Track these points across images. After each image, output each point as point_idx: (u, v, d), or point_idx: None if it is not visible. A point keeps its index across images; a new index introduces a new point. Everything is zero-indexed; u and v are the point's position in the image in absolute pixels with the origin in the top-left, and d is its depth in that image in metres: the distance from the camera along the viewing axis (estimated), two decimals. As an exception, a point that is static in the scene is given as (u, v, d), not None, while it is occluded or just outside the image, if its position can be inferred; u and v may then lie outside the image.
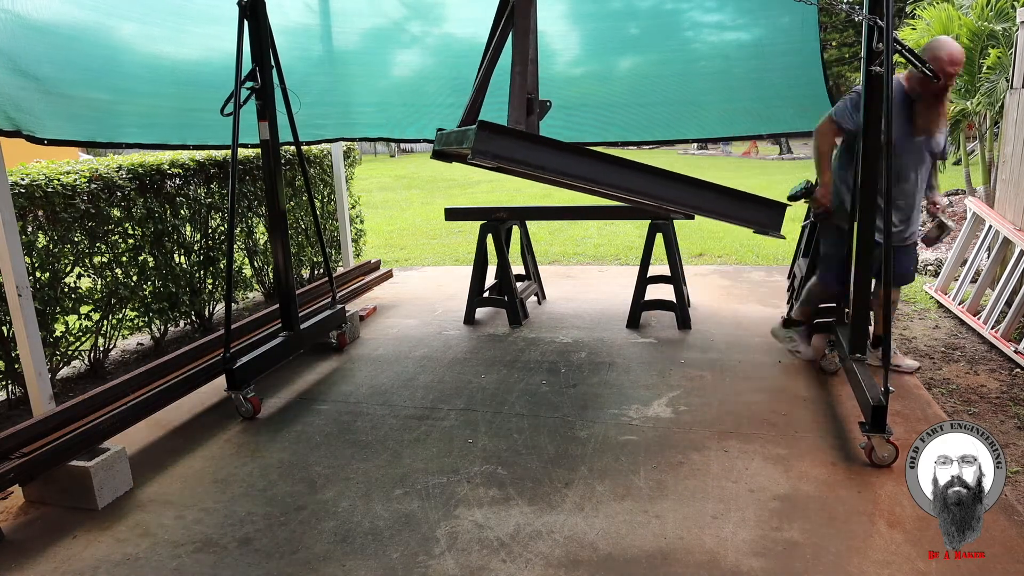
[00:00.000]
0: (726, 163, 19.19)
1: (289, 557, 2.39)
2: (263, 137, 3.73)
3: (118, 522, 2.63)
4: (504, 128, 2.59)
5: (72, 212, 3.92)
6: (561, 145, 2.59)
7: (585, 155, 2.63)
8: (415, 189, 15.42)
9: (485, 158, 2.44)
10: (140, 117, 3.89)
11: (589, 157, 2.64)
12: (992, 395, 3.54)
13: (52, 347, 3.86)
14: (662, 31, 4.89)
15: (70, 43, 3.45)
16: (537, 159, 2.53)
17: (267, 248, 5.67)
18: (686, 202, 2.85)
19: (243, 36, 3.40)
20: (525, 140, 2.53)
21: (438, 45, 5.24)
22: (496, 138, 2.46)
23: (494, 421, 3.35)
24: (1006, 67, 5.59)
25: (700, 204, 2.85)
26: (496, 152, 2.45)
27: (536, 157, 2.53)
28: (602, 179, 2.67)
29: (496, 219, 4.92)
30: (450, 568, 2.29)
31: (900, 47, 2.89)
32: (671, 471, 2.83)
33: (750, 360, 4.02)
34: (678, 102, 4.91)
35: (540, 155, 2.55)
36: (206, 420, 3.52)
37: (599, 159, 2.66)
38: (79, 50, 3.50)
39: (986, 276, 4.70)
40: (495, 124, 2.51)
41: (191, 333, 4.98)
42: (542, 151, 2.56)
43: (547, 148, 2.56)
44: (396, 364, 4.14)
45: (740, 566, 2.25)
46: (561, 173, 2.59)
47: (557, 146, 2.58)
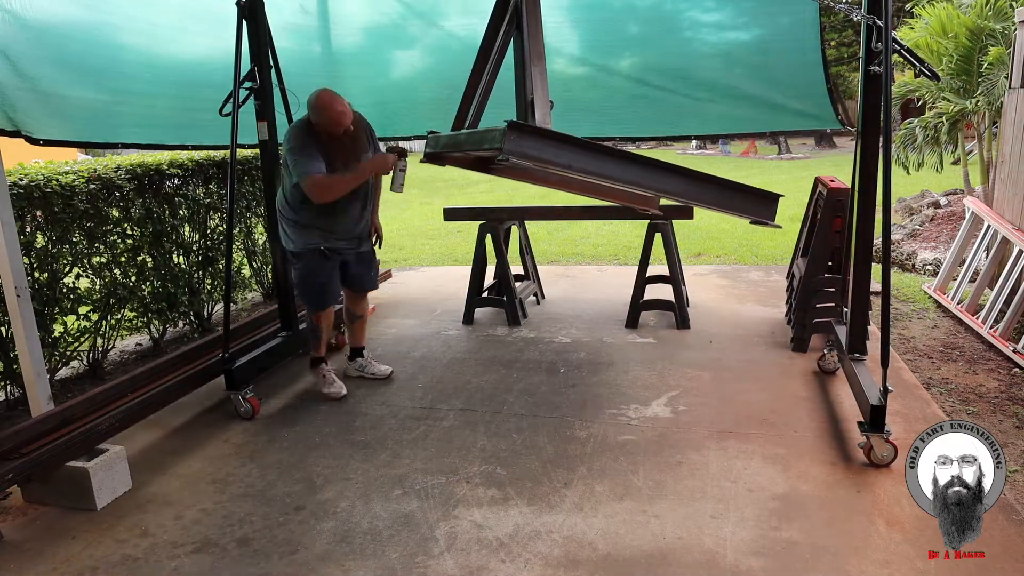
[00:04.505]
0: (725, 163, 19.19)
1: (288, 557, 2.38)
2: (262, 137, 3.73)
3: (117, 522, 2.63)
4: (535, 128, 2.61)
5: (71, 212, 3.91)
6: (587, 144, 2.61)
7: (609, 154, 2.65)
8: (414, 189, 15.41)
9: (518, 158, 2.45)
10: (137, 117, 3.89)
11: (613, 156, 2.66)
12: (991, 394, 3.54)
13: (51, 348, 3.86)
14: (662, 30, 4.89)
15: (66, 43, 3.45)
16: (565, 158, 2.55)
17: (266, 248, 5.67)
18: (699, 197, 2.87)
19: (242, 36, 3.40)
20: (552, 139, 2.54)
21: (435, 45, 5.24)
22: (526, 138, 2.48)
23: (493, 421, 3.34)
24: (1006, 65, 5.60)
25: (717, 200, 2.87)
26: (526, 152, 2.46)
27: (563, 156, 2.55)
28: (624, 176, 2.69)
29: (495, 219, 4.92)
30: (449, 568, 2.29)
31: (899, 47, 2.89)
32: (670, 471, 2.82)
33: (749, 360, 4.02)
34: (678, 102, 4.91)
35: (567, 154, 2.57)
36: (205, 420, 3.52)
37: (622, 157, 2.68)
38: (76, 50, 3.50)
39: (984, 275, 4.71)
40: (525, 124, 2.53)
41: (190, 333, 4.97)
42: (568, 150, 2.57)
43: (573, 147, 2.58)
44: (395, 364, 4.14)
45: (739, 566, 2.25)
46: (586, 171, 2.60)
47: (583, 145, 2.60)
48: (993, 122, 6.53)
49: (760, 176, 14.75)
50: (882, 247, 2.70)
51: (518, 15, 3.01)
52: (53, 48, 3.34)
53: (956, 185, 9.29)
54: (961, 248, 5.16)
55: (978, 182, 7.04)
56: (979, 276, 4.74)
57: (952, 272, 5.15)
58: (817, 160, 18.51)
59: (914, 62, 2.99)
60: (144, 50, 3.90)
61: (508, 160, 2.48)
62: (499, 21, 3.13)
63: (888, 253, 2.73)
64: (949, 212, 7.85)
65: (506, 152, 2.43)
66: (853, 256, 3.23)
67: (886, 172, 2.67)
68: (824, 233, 3.98)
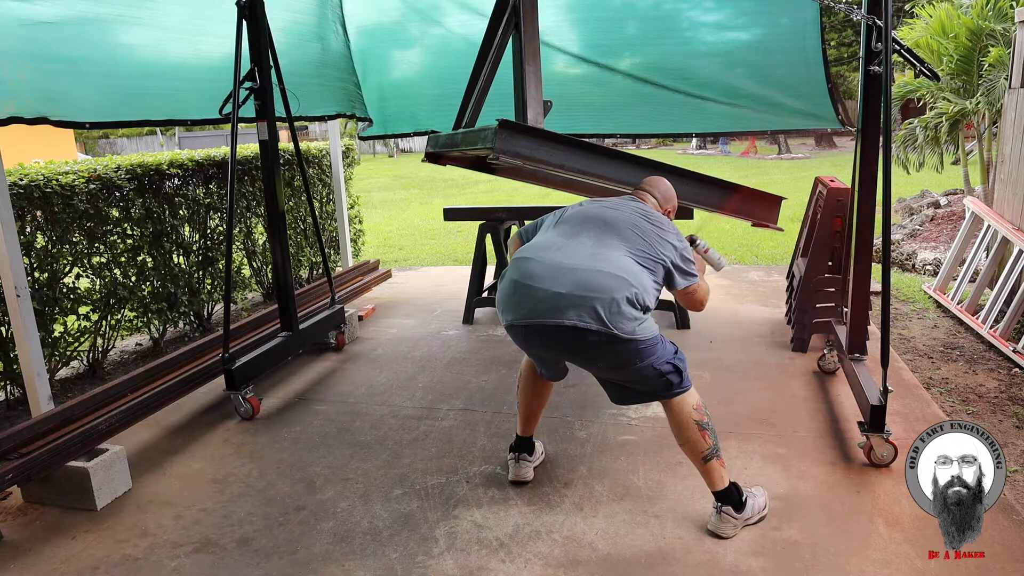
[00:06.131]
0: (725, 163, 19.19)
1: (288, 557, 2.38)
2: (262, 137, 3.73)
3: (117, 523, 2.63)
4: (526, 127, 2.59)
5: (71, 212, 3.92)
6: (581, 144, 2.59)
7: (603, 153, 2.63)
8: (414, 189, 15.42)
9: (509, 157, 2.44)
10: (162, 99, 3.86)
11: (607, 155, 2.64)
12: (991, 394, 3.54)
13: (51, 348, 3.86)
14: (662, 30, 4.89)
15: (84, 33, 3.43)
16: (558, 158, 2.53)
17: (266, 248, 5.67)
18: (698, 199, 2.87)
19: (242, 36, 3.40)
20: (545, 139, 2.52)
21: (435, 44, 5.24)
22: (518, 137, 2.46)
23: (493, 421, 3.34)
24: (1007, 66, 5.60)
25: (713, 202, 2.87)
26: (519, 151, 2.45)
27: (556, 156, 2.53)
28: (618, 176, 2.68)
29: (495, 219, 4.92)
30: (449, 568, 2.29)
31: (899, 47, 2.89)
32: (670, 471, 2.82)
33: (749, 359, 4.01)
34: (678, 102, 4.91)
35: (560, 154, 2.55)
36: (205, 420, 3.51)
37: (617, 157, 2.67)
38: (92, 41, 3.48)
39: (984, 275, 4.71)
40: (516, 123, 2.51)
41: (190, 333, 4.97)
42: (562, 150, 2.55)
43: (567, 147, 2.56)
44: (395, 364, 4.14)
45: (739, 565, 2.24)
46: (580, 171, 2.59)
47: (577, 145, 2.58)
48: (993, 122, 6.53)
49: (760, 176, 14.75)
50: (882, 247, 2.70)
51: (516, 14, 3.01)
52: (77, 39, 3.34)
53: (956, 185, 9.29)
54: (961, 248, 5.16)
55: (978, 182, 7.04)
56: (979, 276, 4.74)
57: (952, 272, 5.15)
58: (817, 160, 18.51)
59: (914, 62, 2.99)
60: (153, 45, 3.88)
61: (499, 159, 2.47)
62: (499, 20, 3.13)
63: (888, 253, 2.72)
64: (949, 212, 7.84)
65: (497, 151, 2.42)
66: (853, 256, 3.23)
67: (886, 172, 2.66)
68: (824, 233, 3.98)
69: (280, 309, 3.97)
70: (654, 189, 2.63)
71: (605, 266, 2.24)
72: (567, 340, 2.25)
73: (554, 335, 2.25)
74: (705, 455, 2.34)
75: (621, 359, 2.29)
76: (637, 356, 2.26)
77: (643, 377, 2.33)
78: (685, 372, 2.40)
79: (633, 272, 2.26)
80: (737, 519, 2.38)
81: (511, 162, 2.49)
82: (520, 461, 2.79)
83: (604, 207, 2.49)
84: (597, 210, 2.48)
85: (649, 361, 2.28)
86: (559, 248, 2.35)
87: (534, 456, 2.85)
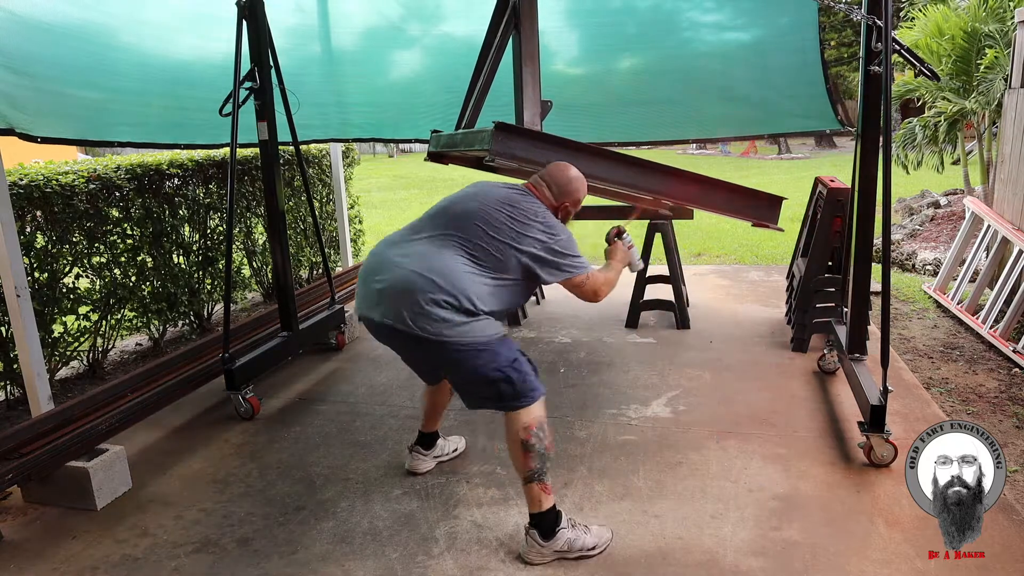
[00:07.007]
0: (725, 163, 19.19)
1: (288, 557, 2.38)
2: (262, 137, 3.73)
3: (117, 523, 2.63)
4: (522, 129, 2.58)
5: (71, 212, 3.92)
6: (578, 146, 2.58)
7: (600, 155, 2.62)
8: (414, 189, 15.42)
9: (505, 159, 2.43)
10: (130, 116, 3.87)
11: (602, 156, 2.63)
12: (991, 394, 3.54)
13: (51, 348, 3.86)
14: (661, 31, 4.89)
15: (63, 40, 3.44)
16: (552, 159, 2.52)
17: (266, 248, 5.67)
18: (698, 199, 2.86)
19: (241, 36, 3.40)
20: (540, 140, 2.51)
21: (435, 45, 5.24)
22: (514, 139, 2.45)
23: (493, 421, 3.34)
24: (1004, 66, 5.60)
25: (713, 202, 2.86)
26: (514, 153, 2.44)
27: (551, 157, 2.52)
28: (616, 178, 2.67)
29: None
30: (449, 568, 2.29)
31: (899, 47, 2.89)
32: (670, 471, 2.82)
33: (749, 360, 4.01)
34: (678, 102, 4.91)
35: (555, 155, 2.53)
36: (205, 421, 3.51)
37: (613, 159, 2.66)
38: (72, 47, 3.49)
39: (984, 275, 4.71)
40: (512, 125, 2.50)
41: (190, 334, 4.97)
42: (557, 151, 2.55)
43: (561, 148, 2.56)
44: (395, 364, 4.14)
45: (739, 566, 2.25)
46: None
47: (571, 146, 2.57)
48: (993, 122, 6.53)
49: (760, 176, 14.74)
50: (882, 247, 2.70)
51: (516, 15, 3.01)
52: (48, 45, 3.34)
53: (956, 185, 9.28)
54: (961, 248, 5.16)
55: (978, 182, 7.04)
56: (979, 276, 4.74)
57: (952, 272, 5.15)
58: (817, 160, 18.51)
59: (914, 62, 2.99)
60: (135, 49, 3.89)
61: (495, 161, 2.46)
62: (499, 21, 3.14)
63: (888, 253, 2.73)
64: (949, 212, 7.84)
65: (493, 153, 2.41)
66: (853, 256, 3.23)
67: (886, 172, 2.66)
68: (824, 233, 3.98)
69: (280, 309, 3.97)
70: (551, 181, 2.46)
71: (419, 265, 2.21)
72: (390, 336, 2.27)
73: (381, 330, 2.28)
74: (525, 477, 2.25)
75: (438, 360, 2.31)
76: (458, 359, 2.22)
77: (472, 381, 2.29)
78: (522, 384, 2.24)
79: (450, 273, 2.19)
80: (543, 546, 2.26)
81: (508, 164, 2.49)
82: (413, 453, 2.89)
83: (464, 197, 2.41)
84: (452, 202, 2.42)
85: (473, 365, 2.21)
86: (396, 243, 2.37)
87: (432, 451, 2.92)
